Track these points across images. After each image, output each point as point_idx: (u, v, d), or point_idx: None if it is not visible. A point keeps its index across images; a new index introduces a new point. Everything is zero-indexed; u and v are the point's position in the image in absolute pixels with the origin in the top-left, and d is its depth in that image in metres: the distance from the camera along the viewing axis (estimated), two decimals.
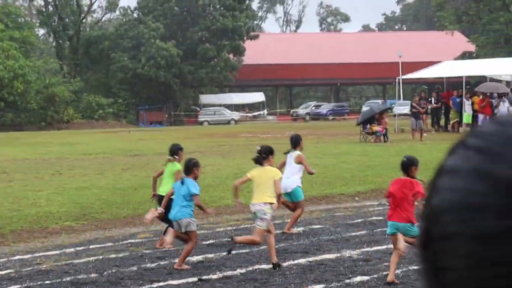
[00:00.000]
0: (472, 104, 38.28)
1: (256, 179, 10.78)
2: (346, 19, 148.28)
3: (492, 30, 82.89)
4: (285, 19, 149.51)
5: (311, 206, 16.03)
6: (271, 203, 10.52)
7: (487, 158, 0.78)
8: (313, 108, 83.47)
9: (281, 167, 12.87)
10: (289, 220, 13.36)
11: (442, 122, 41.83)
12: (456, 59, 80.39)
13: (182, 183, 10.76)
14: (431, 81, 54.82)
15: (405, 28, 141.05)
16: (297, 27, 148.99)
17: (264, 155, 10.89)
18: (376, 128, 33.68)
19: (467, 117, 38.79)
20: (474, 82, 48.96)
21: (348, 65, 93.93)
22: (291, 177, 12.95)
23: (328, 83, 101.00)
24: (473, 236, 0.76)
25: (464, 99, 38.96)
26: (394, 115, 45.57)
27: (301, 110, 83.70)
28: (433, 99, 42.16)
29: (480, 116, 35.97)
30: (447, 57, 71.43)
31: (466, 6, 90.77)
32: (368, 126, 34.11)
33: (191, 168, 10.93)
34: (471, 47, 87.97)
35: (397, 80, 45.02)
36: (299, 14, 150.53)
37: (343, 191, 17.50)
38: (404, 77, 45.15)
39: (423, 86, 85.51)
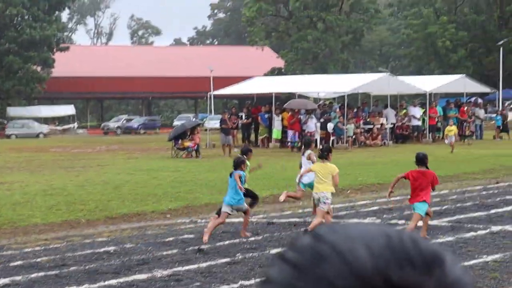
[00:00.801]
0: (282, 120, 39.17)
1: (318, 172, 13.34)
2: (157, 32, 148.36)
3: (300, 47, 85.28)
4: (96, 31, 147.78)
5: (122, 224, 15.83)
6: (331, 191, 13.20)
7: (296, 273, 0.82)
8: (124, 121, 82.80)
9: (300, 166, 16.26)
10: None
11: (252, 137, 42.44)
12: (266, 74, 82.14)
13: (231, 176, 13.61)
14: (242, 96, 55.74)
15: (216, 43, 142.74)
16: (108, 39, 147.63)
17: (325, 153, 13.57)
18: (187, 143, 33.76)
19: (276, 133, 39.65)
20: (284, 98, 50.14)
21: (160, 79, 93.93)
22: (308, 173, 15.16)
23: (139, 97, 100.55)
24: None
25: (273, 115, 39.78)
26: (206, 130, 45.93)
27: (112, 124, 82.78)
28: (243, 114, 42.83)
29: (289, 132, 36.85)
30: (257, 72, 72.72)
31: (275, 23, 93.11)
32: (180, 141, 34.15)
33: (239, 164, 13.80)
34: (281, 63, 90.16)
35: (208, 95, 45.40)
36: (110, 26, 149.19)
37: (155, 208, 17.37)
38: (215, 92, 45.61)
39: (234, 101, 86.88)
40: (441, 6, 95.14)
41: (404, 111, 43.65)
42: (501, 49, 63.07)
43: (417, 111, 42.54)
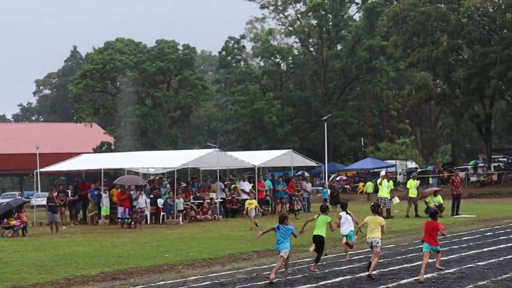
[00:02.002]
0: (111, 196, 38.65)
1: (371, 223, 17.39)
2: None
3: (129, 122, 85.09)
4: None
5: None
6: (379, 237, 17.26)
7: None
8: None
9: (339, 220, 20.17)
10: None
11: (80, 214, 41.59)
12: (95, 150, 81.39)
13: (278, 229, 17.27)
14: (70, 172, 54.75)
15: (42, 120, 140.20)
16: None
17: (376, 208, 17.85)
18: (13, 222, 32.65)
19: (105, 210, 39.05)
20: (113, 174, 49.59)
21: None
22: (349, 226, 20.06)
23: None
24: None
25: (102, 192, 39.22)
26: (33, 207, 44.65)
27: None
28: (70, 191, 42.01)
29: (120, 209, 36.34)
30: (86, 149, 72.04)
31: (103, 99, 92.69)
32: (5, 220, 33.00)
33: (283, 219, 17.58)
34: (110, 139, 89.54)
35: (35, 172, 44.32)
36: None
37: None
38: (42, 170, 44.57)
39: (62, 177, 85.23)
40: (266, 82, 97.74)
41: (234, 185, 44.08)
42: (325, 124, 65.19)
43: (246, 185, 43.06)
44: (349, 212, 20.37)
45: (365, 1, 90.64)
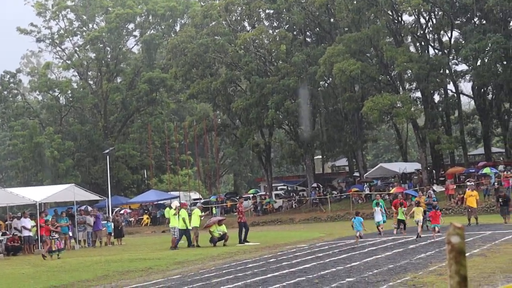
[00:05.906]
0: None
1: (416, 210, 32.13)
2: None
3: None
4: None
5: None
6: (421, 218, 32.39)
7: None
8: None
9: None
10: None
11: None
12: None
13: (354, 218, 32.05)
14: None
15: None
16: None
17: (419, 202, 33.66)
18: None
19: None
20: None
21: None
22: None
23: None
24: None
25: None
26: None
27: None
28: None
29: None
30: None
31: None
32: None
33: (357, 213, 33.78)
34: None
35: None
36: None
37: None
38: None
39: None
40: (46, 117, 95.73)
41: (11, 222, 42.70)
42: (108, 157, 64.59)
43: (27, 222, 41.81)
44: (381, 206, 36.01)
45: (143, 33, 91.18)
